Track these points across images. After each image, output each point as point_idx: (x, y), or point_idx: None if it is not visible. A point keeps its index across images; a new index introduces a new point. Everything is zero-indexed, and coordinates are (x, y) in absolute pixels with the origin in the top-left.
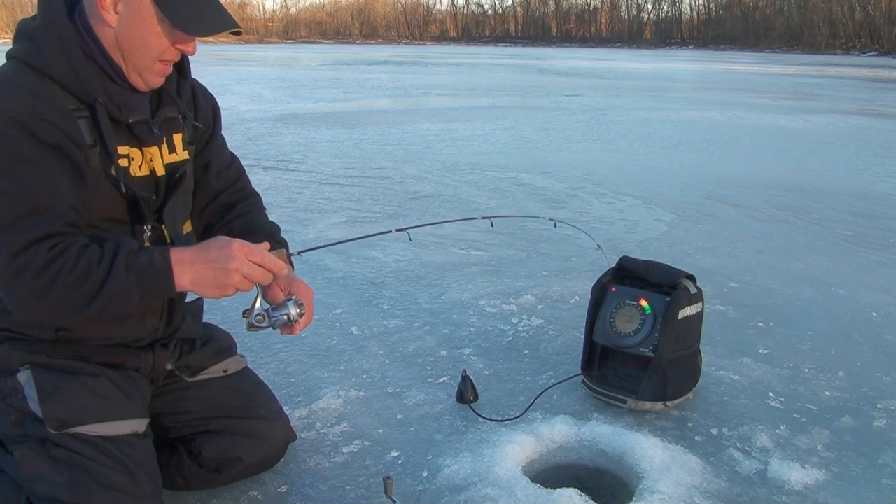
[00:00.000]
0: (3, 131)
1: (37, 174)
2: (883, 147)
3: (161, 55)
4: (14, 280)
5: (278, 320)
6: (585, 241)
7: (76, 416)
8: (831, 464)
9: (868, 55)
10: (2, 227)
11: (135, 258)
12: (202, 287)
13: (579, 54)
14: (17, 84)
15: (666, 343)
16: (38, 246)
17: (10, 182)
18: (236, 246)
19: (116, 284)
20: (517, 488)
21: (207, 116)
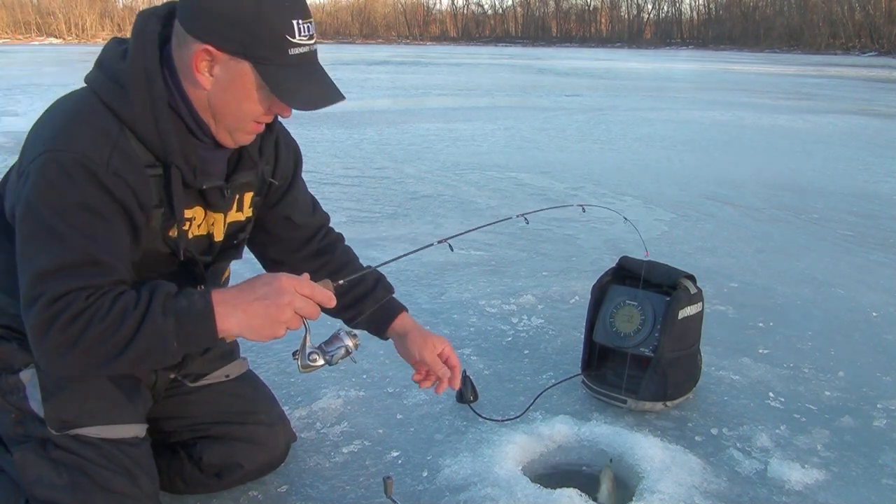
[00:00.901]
0: (73, 175)
1: (96, 225)
2: (883, 147)
3: (256, 119)
4: (46, 329)
5: (335, 354)
6: (585, 240)
7: (78, 417)
8: (831, 464)
9: (868, 55)
10: (47, 271)
11: (173, 301)
12: (251, 329)
13: (579, 54)
14: (97, 129)
15: (666, 343)
16: (76, 293)
17: (67, 228)
18: (285, 279)
19: (152, 331)
20: (517, 488)
21: (287, 172)
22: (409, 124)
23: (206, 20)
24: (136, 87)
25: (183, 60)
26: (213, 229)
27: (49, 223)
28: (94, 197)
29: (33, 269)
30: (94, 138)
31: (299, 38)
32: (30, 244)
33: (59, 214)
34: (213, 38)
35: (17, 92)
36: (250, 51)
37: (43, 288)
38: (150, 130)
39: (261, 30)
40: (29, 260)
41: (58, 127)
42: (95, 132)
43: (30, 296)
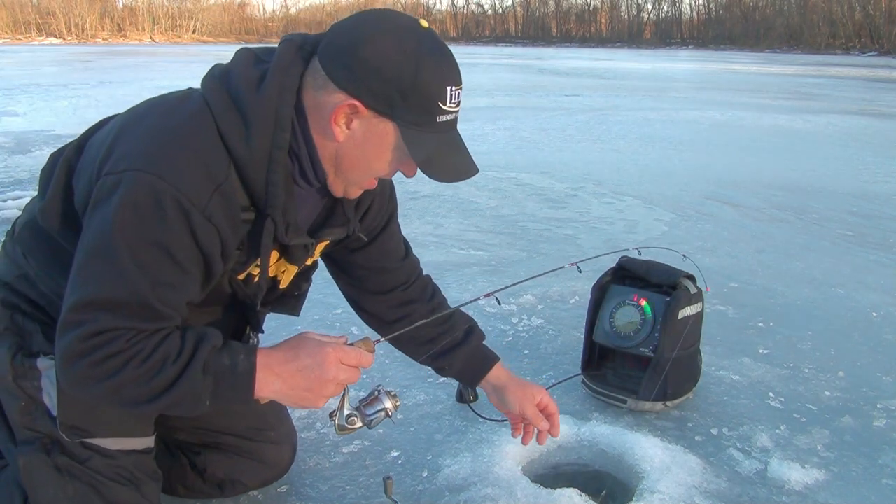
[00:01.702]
0: (165, 210)
1: (167, 270)
2: (883, 147)
3: (379, 176)
4: (77, 360)
5: (375, 419)
6: (585, 241)
7: (91, 427)
8: (831, 464)
9: (868, 55)
10: (95, 303)
11: (216, 358)
12: (289, 398)
13: (579, 54)
14: (205, 165)
15: (666, 343)
16: (119, 333)
17: (134, 265)
18: (331, 351)
19: (188, 387)
20: (517, 488)
21: (376, 225)
22: None
23: (360, 73)
24: (261, 129)
25: (320, 108)
26: (281, 277)
27: (117, 253)
28: (178, 240)
29: (83, 294)
30: (200, 175)
31: (449, 105)
32: (89, 265)
33: (132, 248)
34: (363, 94)
35: (17, 92)
36: (399, 112)
37: (86, 318)
38: (259, 178)
39: (416, 94)
40: (82, 281)
41: (164, 145)
42: (203, 168)
43: (69, 320)
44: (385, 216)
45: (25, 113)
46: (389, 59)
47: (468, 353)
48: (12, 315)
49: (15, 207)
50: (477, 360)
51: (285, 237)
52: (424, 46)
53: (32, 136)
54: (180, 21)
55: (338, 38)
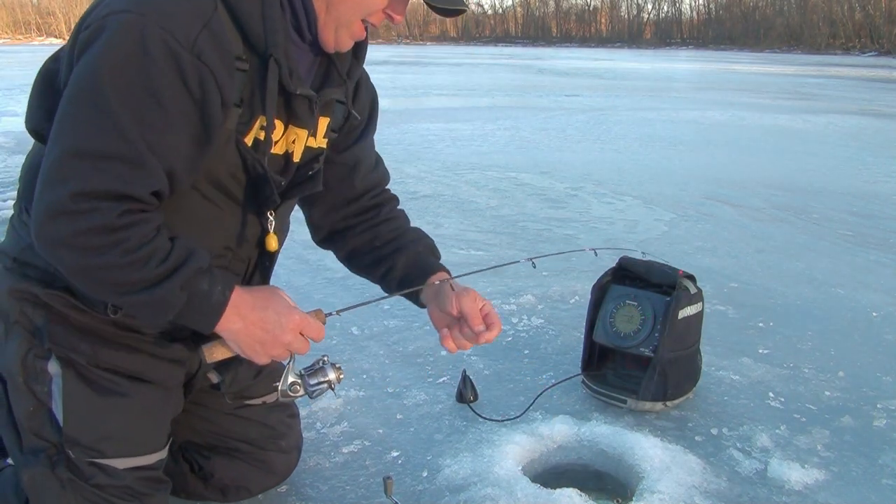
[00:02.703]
0: (151, 52)
1: (156, 121)
2: (883, 147)
3: (369, 15)
4: (59, 220)
5: (317, 390)
6: (585, 241)
7: (99, 444)
8: (831, 464)
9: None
10: (84, 153)
11: (197, 280)
12: (240, 344)
13: (579, 54)
14: (191, 3)
15: (666, 343)
16: (110, 203)
17: (124, 111)
18: (297, 318)
19: (162, 296)
20: (517, 488)
21: (364, 108)
22: (409, 124)
23: None
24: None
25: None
26: (293, 147)
27: (106, 98)
28: (168, 86)
29: (69, 143)
30: (186, 12)
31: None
32: (74, 113)
33: (121, 93)
34: None
35: (17, 92)
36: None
37: (74, 172)
38: (255, 17)
39: None
40: (68, 130)
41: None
42: (190, 6)
43: (55, 174)
44: (369, 104)
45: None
46: None
47: (411, 256)
48: (22, 307)
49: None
50: (420, 266)
51: (290, 82)
52: None
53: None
54: None
55: None
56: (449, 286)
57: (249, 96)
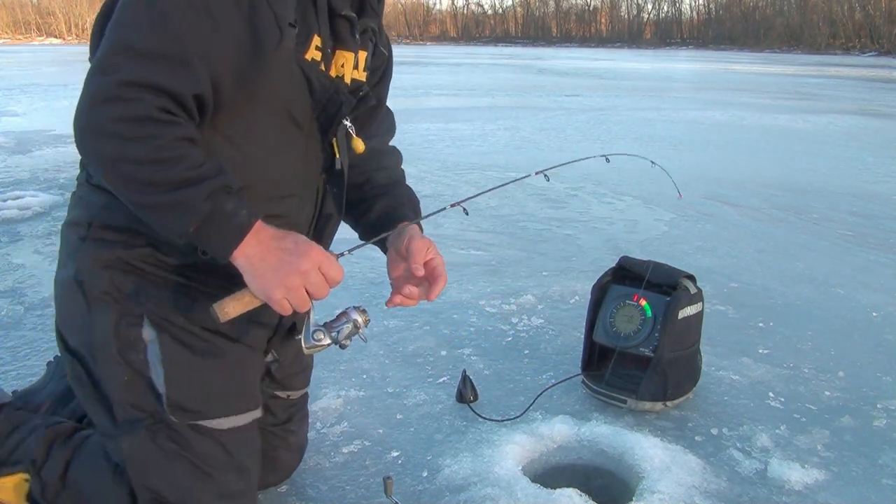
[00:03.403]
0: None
1: (207, 27)
2: (883, 147)
3: None
4: (101, 104)
5: (342, 331)
6: (586, 240)
7: (202, 408)
8: (831, 464)
9: (868, 55)
10: (135, 49)
11: (223, 196)
12: (255, 272)
13: (579, 54)
14: None
15: (666, 343)
16: (153, 97)
17: (176, 16)
18: (316, 251)
19: (187, 199)
20: (517, 488)
21: (386, 47)
22: (409, 124)
23: None
24: None
25: None
26: (342, 72)
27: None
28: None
29: (121, 40)
30: None
31: None
32: (127, 14)
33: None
34: None
35: (17, 92)
36: None
37: (122, 63)
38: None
39: None
40: (119, 27)
41: None
42: None
43: (106, 63)
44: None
45: (25, 113)
46: None
47: (390, 204)
48: (111, 276)
49: (15, 207)
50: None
51: (336, 2)
52: None
53: (32, 136)
54: None
55: None
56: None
57: (303, 15)
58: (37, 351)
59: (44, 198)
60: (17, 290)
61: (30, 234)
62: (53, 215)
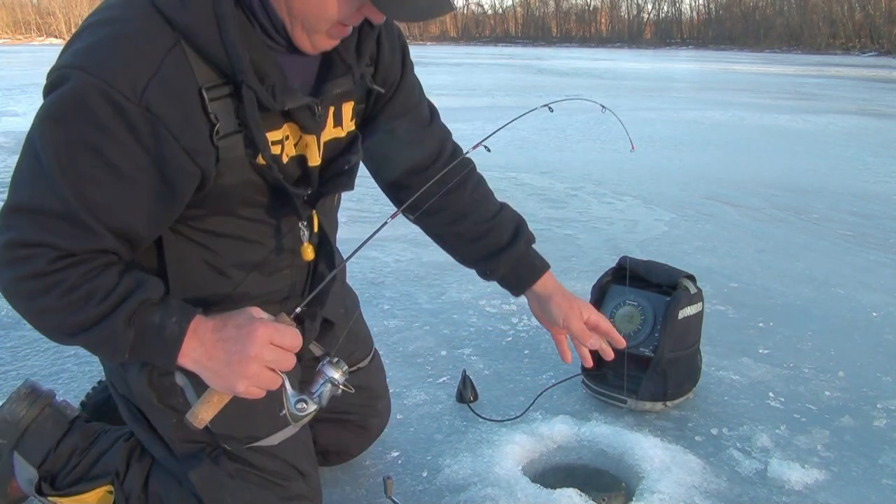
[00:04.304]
0: (91, 106)
1: (98, 176)
2: (883, 147)
3: (340, 21)
4: (2, 269)
5: (322, 393)
6: (586, 240)
7: (251, 433)
8: (831, 464)
9: (868, 55)
10: (22, 209)
11: (145, 313)
12: (209, 371)
13: (579, 54)
14: (138, 48)
15: (666, 343)
16: (42, 250)
17: (58, 170)
18: (260, 327)
19: (107, 334)
20: (517, 488)
21: (392, 74)
22: None
23: None
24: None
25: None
26: (306, 152)
27: (42, 157)
28: (111, 138)
29: (11, 198)
30: (132, 60)
31: None
32: (20, 168)
33: (56, 151)
34: None
35: (17, 92)
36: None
37: (13, 223)
38: (213, 41)
39: None
40: (13, 185)
41: (94, 38)
42: (135, 52)
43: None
44: (399, 62)
45: (25, 113)
46: None
47: (513, 258)
48: None
49: None
50: (523, 268)
51: (274, 102)
52: None
53: None
54: None
55: None
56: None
57: (244, 120)
58: (37, 351)
59: None
60: None
61: None
62: None
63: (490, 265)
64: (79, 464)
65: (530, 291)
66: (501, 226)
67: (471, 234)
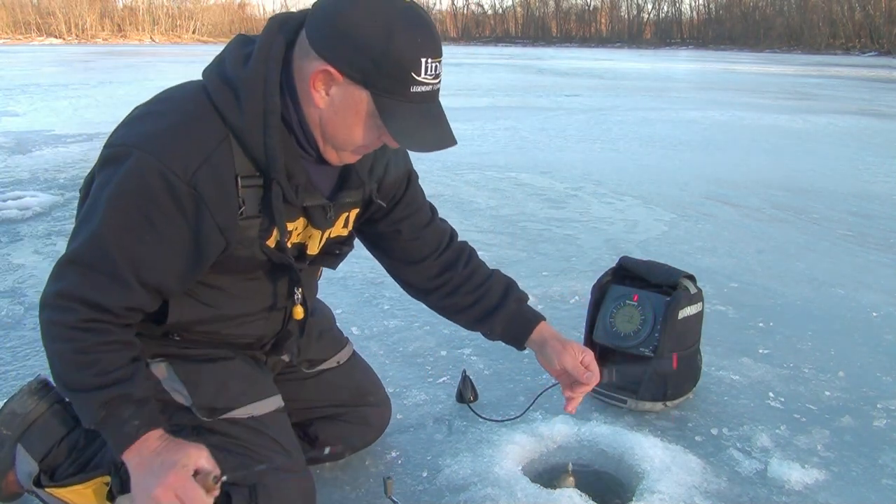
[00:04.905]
0: (149, 182)
1: (151, 240)
2: (883, 147)
3: (364, 145)
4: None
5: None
6: (586, 240)
7: (226, 402)
8: (831, 464)
9: (868, 55)
10: (73, 261)
11: (120, 404)
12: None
13: (579, 54)
14: (195, 139)
15: (666, 343)
16: (83, 308)
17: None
18: (172, 476)
19: (85, 402)
20: (517, 488)
21: (395, 192)
22: None
23: (335, 41)
24: (250, 96)
25: (302, 74)
26: (308, 241)
27: (100, 219)
28: (160, 209)
29: (69, 252)
30: (188, 148)
31: (424, 76)
32: (80, 226)
33: (114, 216)
34: (337, 61)
35: (17, 92)
36: (371, 80)
37: (65, 273)
38: (257, 143)
39: (387, 63)
40: (73, 239)
41: (159, 126)
42: (192, 142)
43: (54, 273)
44: (403, 180)
45: (25, 113)
46: (361, 28)
47: (506, 317)
48: None
49: (15, 207)
50: (517, 324)
51: (296, 199)
52: (399, 17)
53: (32, 136)
54: (180, 21)
55: (320, 8)
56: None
57: (265, 208)
58: (37, 351)
59: (44, 198)
60: (17, 290)
61: (30, 234)
62: (53, 215)
63: (487, 326)
64: (79, 458)
65: (530, 342)
66: (492, 290)
67: (465, 302)
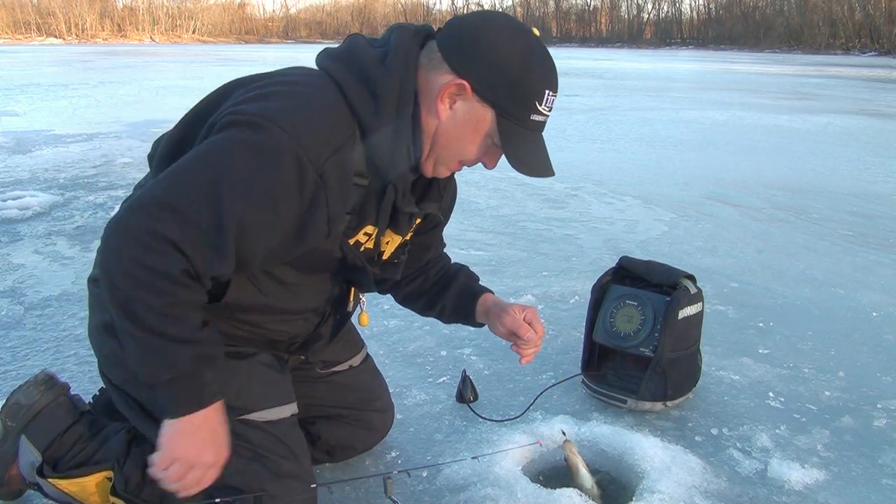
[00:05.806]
0: (284, 166)
1: (266, 219)
2: (883, 147)
3: (466, 160)
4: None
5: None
6: (586, 240)
7: (244, 403)
8: (831, 464)
9: (868, 55)
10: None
11: (207, 364)
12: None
13: (579, 54)
14: (331, 129)
15: (666, 343)
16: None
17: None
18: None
19: (176, 352)
20: (517, 488)
21: (448, 208)
22: None
23: (474, 59)
24: (387, 100)
25: (430, 86)
26: (385, 247)
27: (221, 173)
28: (285, 185)
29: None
30: (323, 138)
31: (544, 107)
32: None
33: (239, 186)
34: (472, 78)
35: (17, 92)
36: (501, 102)
37: (164, 216)
38: (384, 149)
39: (519, 89)
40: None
41: (298, 108)
42: (327, 132)
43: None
44: (451, 203)
45: (25, 113)
46: (503, 51)
47: (456, 290)
48: None
49: (15, 207)
50: (465, 297)
51: (402, 203)
52: (536, 48)
53: (32, 136)
54: (180, 21)
55: (458, 26)
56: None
57: (361, 207)
58: (37, 351)
59: (44, 198)
60: (17, 290)
61: (30, 234)
62: (53, 215)
63: (441, 303)
64: (82, 450)
65: (477, 315)
66: (447, 271)
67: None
